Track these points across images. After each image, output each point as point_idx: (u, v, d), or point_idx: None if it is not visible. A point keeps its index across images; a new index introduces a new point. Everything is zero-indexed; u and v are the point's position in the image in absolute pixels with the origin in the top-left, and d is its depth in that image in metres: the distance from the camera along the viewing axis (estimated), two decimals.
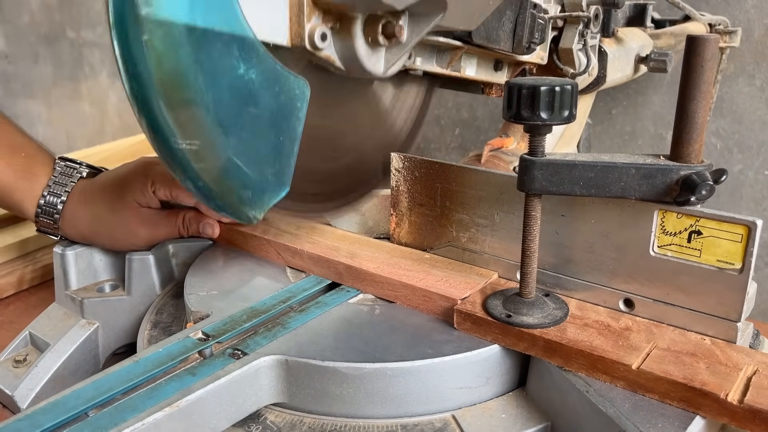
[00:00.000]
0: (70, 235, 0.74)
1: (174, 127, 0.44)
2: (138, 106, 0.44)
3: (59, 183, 0.72)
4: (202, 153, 0.46)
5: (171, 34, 0.42)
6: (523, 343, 0.52)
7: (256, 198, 0.51)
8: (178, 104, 0.44)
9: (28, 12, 2.31)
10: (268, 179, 0.52)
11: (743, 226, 0.47)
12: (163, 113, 0.44)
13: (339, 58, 0.53)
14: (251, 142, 0.49)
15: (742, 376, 0.46)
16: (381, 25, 0.52)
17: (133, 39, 0.42)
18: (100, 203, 0.72)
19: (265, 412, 0.54)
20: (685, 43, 0.46)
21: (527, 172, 0.50)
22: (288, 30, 0.51)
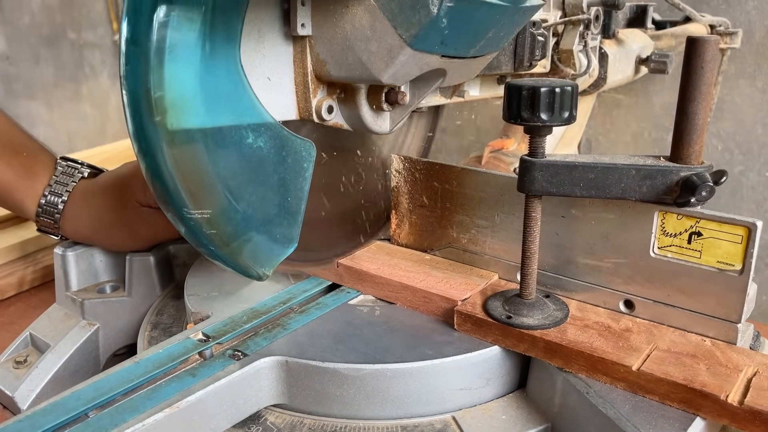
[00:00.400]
0: (71, 235, 0.74)
1: (187, 200, 0.46)
2: (151, 179, 0.46)
3: (60, 183, 0.72)
4: (213, 220, 0.48)
5: (186, 137, 0.45)
6: (524, 345, 0.52)
7: (266, 257, 0.54)
8: (189, 177, 0.46)
9: (29, 13, 2.32)
10: (277, 239, 0.53)
11: (743, 227, 0.47)
12: (176, 188, 0.45)
13: (346, 122, 0.56)
14: (260, 207, 0.51)
15: (743, 377, 0.46)
16: (384, 93, 0.54)
17: (147, 124, 0.44)
18: (100, 203, 0.72)
19: (265, 413, 0.54)
20: (686, 45, 0.46)
21: (527, 174, 0.50)
22: (296, 106, 0.53)
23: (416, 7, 0.44)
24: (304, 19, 0.49)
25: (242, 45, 0.47)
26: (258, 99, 0.49)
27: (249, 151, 0.49)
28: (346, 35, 0.48)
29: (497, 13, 0.48)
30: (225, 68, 0.46)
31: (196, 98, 0.45)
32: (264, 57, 0.49)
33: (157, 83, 0.43)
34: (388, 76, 0.49)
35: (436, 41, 0.47)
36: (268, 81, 0.50)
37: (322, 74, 0.51)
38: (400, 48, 0.47)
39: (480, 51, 0.52)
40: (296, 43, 0.51)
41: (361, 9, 0.46)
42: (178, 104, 0.44)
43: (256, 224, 0.51)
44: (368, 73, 0.49)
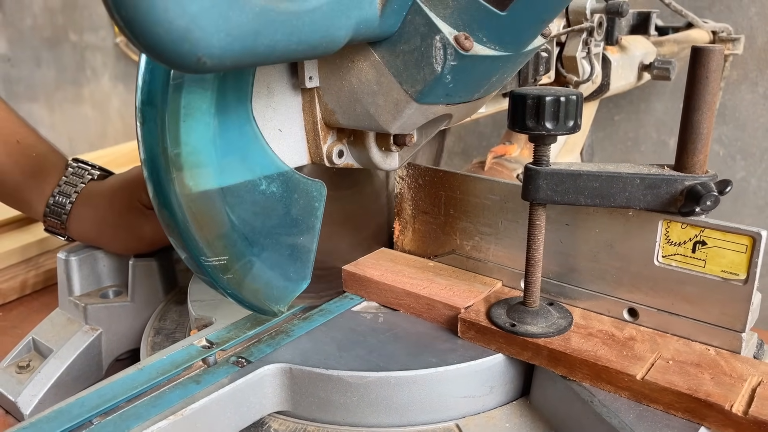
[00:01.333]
0: (76, 236, 0.74)
1: (203, 248, 0.48)
2: (169, 230, 0.48)
3: (69, 183, 0.72)
4: (229, 265, 0.50)
5: (202, 197, 0.47)
6: (527, 353, 0.52)
7: (280, 295, 0.55)
8: (205, 228, 0.47)
9: (31, 15, 2.32)
10: (290, 277, 0.55)
11: (748, 236, 0.47)
12: (193, 237, 0.47)
13: (356, 162, 0.57)
14: (275, 248, 0.53)
15: (747, 387, 0.46)
16: (392, 136, 0.55)
17: (165, 182, 0.45)
18: (106, 205, 0.72)
19: (268, 421, 0.54)
20: (690, 54, 0.46)
21: (532, 182, 0.50)
22: (307, 152, 0.54)
23: (420, 65, 0.45)
24: (312, 72, 0.50)
25: (253, 100, 0.48)
26: (271, 149, 0.50)
27: (262, 198, 0.50)
28: (353, 88, 0.49)
29: (500, 63, 0.49)
30: (238, 124, 0.48)
31: (211, 157, 0.46)
32: (275, 110, 0.51)
33: (173, 142, 0.44)
34: (395, 128, 0.50)
35: (441, 94, 0.48)
36: (279, 132, 0.51)
37: (331, 122, 0.52)
38: (406, 103, 0.48)
39: (484, 94, 0.53)
40: (305, 94, 0.52)
41: (366, 64, 0.47)
42: (194, 162, 0.45)
43: (270, 265, 0.53)
44: (376, 124, 0.50)
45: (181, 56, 0.32)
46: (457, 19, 0.44)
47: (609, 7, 0.71)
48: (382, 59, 0.46)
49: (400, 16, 0.44)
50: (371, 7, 0.43)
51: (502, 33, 0.46)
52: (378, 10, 0.43)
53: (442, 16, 0.44)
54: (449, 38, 0.44)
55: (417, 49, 0.45)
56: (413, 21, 0.44)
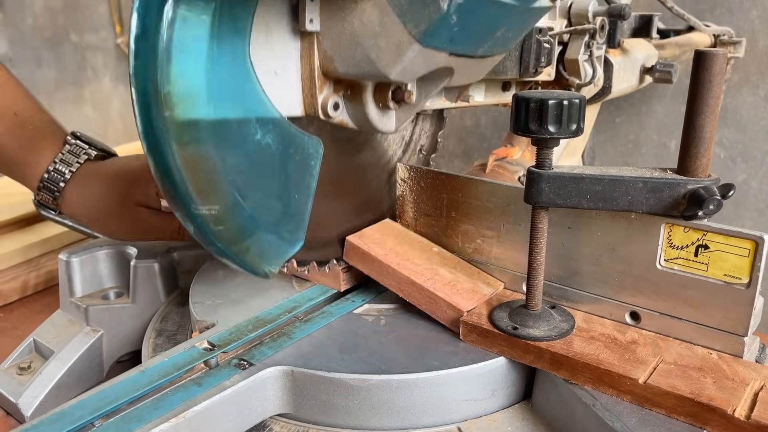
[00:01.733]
0: (68, 214, 0.75)
1: (194, 195, 0.46)
2: (159, 175, 0.45)
3: (65, 161, 0.72)
4: (220, 217, 0.48)
5: (193, 128, 0.44)
6: (530, 356, 0.52)
7: (272, 255, 0.53)
8: (197, 171, 0.45)
9: (32, 15, 2.32)
10: (283, 236, 0.53)
11: (751, 240, 0.47)
12: (183, 180, 0.45)
13: (351, 120, 0.55)
14: (268, 204, 0.51)
15: (749, 391, 0.46)
16: (391, 91, 0.54)
17: (157, 132, 0.43)
18: (101, 192, 0.72)
19: (270, 423, 0.54)
20: (693, 58, 0.46)
21: (534, 185, 0.50)
22: (301, 102, 0.53)
23: (426, 2, 0.44)
24: (313, 14, 0.49)
25: (252, 39, 0.47)
26: (265, 93, 0.49)
27: (257, 148, 0.48)
28: (354, 31, 0.48)
29: (506, 12, 0.48)
30: (233, 62, 0.46)
31: (203, 91, 0.44)
32: (271, 51, 0.49)
33: (166, 78, 0.42)
34: (396, 73, 0.49)
35: (445, 38, 0.47)
36: (275, 76, 0.50)
37: (329, 70, 0.51)
38: (408, 44, 0.47)
39: (488, 51, 0.51)
40: (304, 39, 0.51)
41: (370, 5, 0.46)
42: (186, 98, 0.44)
43: (262, 222, 0.51)
44: (376, 69, 0.49)
45: None
46: None
47: (611, 10, 0.71)
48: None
49: None
50: None
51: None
52: None
53: None
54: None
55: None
56: None
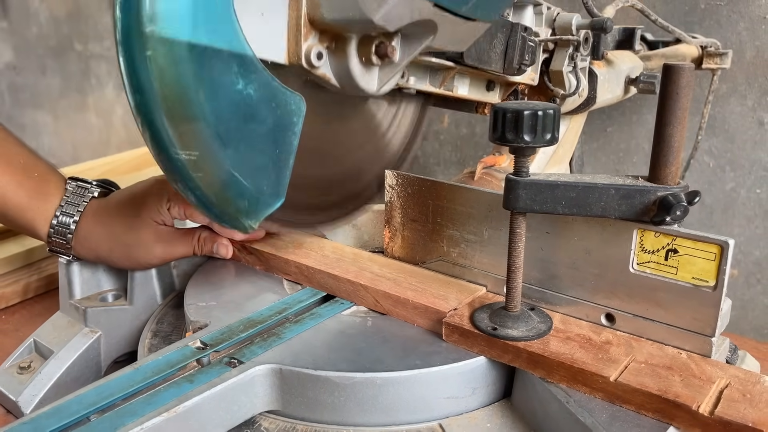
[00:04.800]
0: (83, 255, 0.74)
1: (174, 138, 0.47)
2: (140, 118, 0.46)
3: (71, 203, 0.73)
4: (200, 163, 0.48)
5: (173, 50, 0.45)
6: (508, 355, 0.55)
7: (252, 208, 0.53)
8: (178, 116, 0.46)
9: (37, 24, 2.35)
10: (264, 190, 0.54)
11: (716, 245, 0.50)
12: (164, 124, 0.46)
13: (334, 76, 0.56)
14: (248, 155, 0.51)
15: (715, 389, 0.48)
16: (374, 45, 0.55)
17: (137, 54, 0.44)
18: (115, 221, 0.72)
19: (259, 419, 0.56)
20: (662, 72, 0.49)
21: (512, 192, 0.53)
22: (286, 49, 0.53)
23: None
24: None
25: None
26: (245, 36, 0.49)
27: (238, 98, 0.49)
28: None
29: None
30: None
31: (186, 13, 0.45)
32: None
33: (150, 5, 0.43)
34: (379, 16, 0.50)
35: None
36: (261, 17, 0.50)
37: (315, 17, 0.52)
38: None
39: (472, 10, 0.52)
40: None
41: None
42: (167, 17, 0.44)
43: (243, 172, 0.51)
44: (360, 12, 0.49)
45: None
46: None
47: (594, 24, 0.74)
48: None
49: None
50: None
51: None
52: None
53: None
54: None
55: None
56: None
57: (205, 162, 0.49)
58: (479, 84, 0.74)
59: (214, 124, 0.48)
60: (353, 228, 0.83)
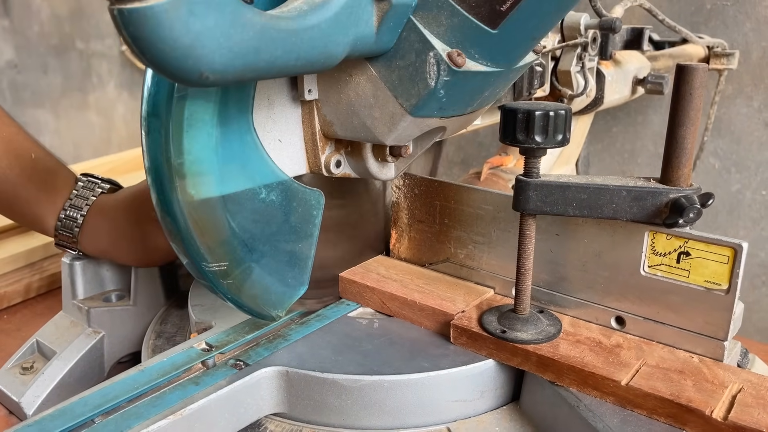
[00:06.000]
0: (89, 250, 0.74)
1: (204, 254, 0.50)
2: (172, 238, 0.49)
3: (80, 197, 0.73)
4: (229, 271, 0.52)
5: (204, 202, 0.49)
6: (517, 358, 0.54)
7: (279, 300, 0.57)
8: (207, 235, 0.49)
9: (38, 23, 2.35)
10: (289, 283, 0.57)
11: (730, 248, 0.49)
12: (195, 244, 0.49)
13: (353, 172, 0.59)
14: (272, 254, 0.55)
15: (728, 393, 0.47)
16: (388, 148, 0.57)
17: (167, 186, 0.47)
18: (120, 217, 0.72)
19: (265, 422, 0.55)
20: (675, 72, 0.48)
21: (522, 193, 0.52)
22: (306, 162, 0.56)
23: (415, 80, 0.47)
24: (311, 85, 0.52)
25: (254, 111, 0.50)
26: (271, 158, 0.52)
27: (262, 206, 0.52)
28: (350, 101, 0.51)
29: (492, 78, 0.50)
30: (239, 135, 0.50)
31: (213, 166, 0.48)
32: (275, 122, 0.52)
33: (177, 152, 0.46)
34: (391, 139, 0.52)
35: (434, 108, 0.49)
36: (279, 143, 0.53)
37: (329, 133, 0.54)
38: (401, 115, 0.49)
39: (477, 107, 0.54)
40: (304, 106, 0.54)
41: (363, 79, 0.49)
42: (196, 171, 0.47)
43: (269, 272, 0.55)
44: (372, 136, 0.52)
45: (185, 72, 0.33)
46: (450, 37, 0.46)
47: (602, 24, 0.73)
48: (379, 74, 0.48)
49: (396, 33, 0.46)
50: (368, 25, 0.44)
51: (494, 50, 0.47)
52: (374, 28, 0.45)
53: (436, 33, 0.46)
54: (442, 55, 0.46)
55: (412, 65, 0.47)
56: (408, 38, 0.46)
57: (234, 269, 0.52)
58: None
59: (240, 236, 0.51)
60: None
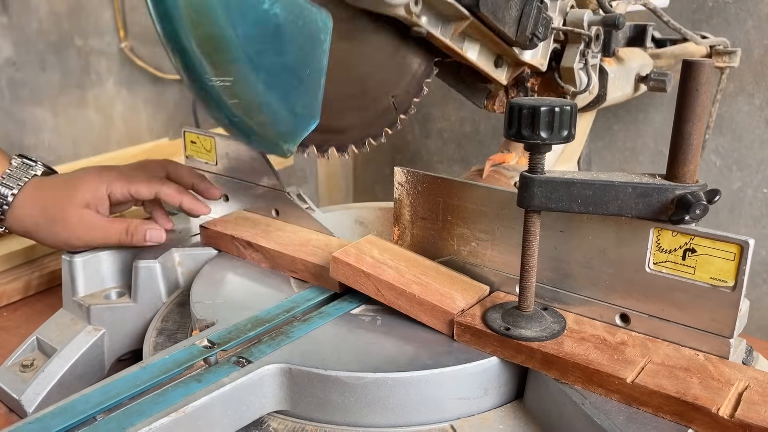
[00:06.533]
0: (15, 229, 0.76)
1: (206, 65, 0.47)
2: (170, 46, 0.47)
3: (13, 176, 0.75)
4: (234, 89, 0.49)
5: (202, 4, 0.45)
6: (521, 356, 0.54)
7: (289, 131, 0.54)
8: (208, 42, 0.47)
9: (37, 19, 2.34)
10: (298, 112, 0.54)
11: (736, 245, 0.49)
12: (195, 51, 0.46)
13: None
14: (280, 77, 0.52)
15: (734, 391, 0.47)
16: None
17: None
18: (48, 198, 0.74)
19: (267, 419, 0.55)
20: (681, 68, 0.48)
21: (527, 189, 0.52)
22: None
23: None
24: None
25: None
26: None
27: (265, 17, 0.49)
28: None
29: None
30: None
31: None
32: None
33: None
34: None
35: None
36: None
37: None
38: None
39: None
40: None
41: None
42: None
43: (276, 95, 0.52)
44: None
45: None
46: None
47: (605, 20, 0.73)
48: None
49: None
50: None
51: None
52: None
53: None
54: None
55: None
56: None
57: (239, 87, 0.49)
58: (488, 54, 0.71)
59: (243, 46, 0.48)
60: (360, 225, 0.83)
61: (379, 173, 1.63)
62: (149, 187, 0.76)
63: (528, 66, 0.74)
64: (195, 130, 0.86)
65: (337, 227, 0.78)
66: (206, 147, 0.85)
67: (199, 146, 0.86)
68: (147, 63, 2.04)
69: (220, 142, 0.83)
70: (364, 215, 0.83)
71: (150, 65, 2.03)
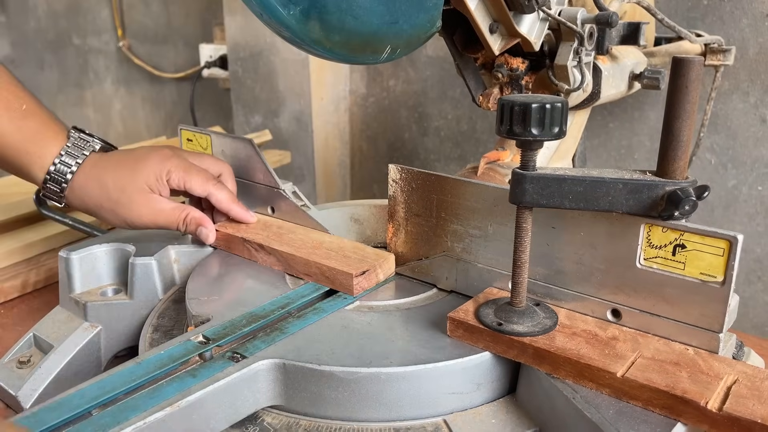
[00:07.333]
0: (75, 205, 0.77)
1: None
2: None
3: (71, 153, 0.75)
4: None
5: None
6: (513, 351, 0.54)
7: None
8: None
9: (35, 18, 2.34)
10: None
11: (725, 240, 0.49)
12: None
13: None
14: None
15: (723, 385, 0.48)
16: None
17: None
18: (110, 178, 0.74)
19: (262, 414, 0.55)
20: (671, 65, 0.48)
21: (518, 186, 0.52)
22: None
23: None
24: None
25: None
26: None
27: None
28: None
29: None
30: None
31: None
32: None
33: None
34: None
35: None
36: None
37: None
38: None
39: None
40: None
41: None
42: None
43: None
44: None
45: None
46: None
47: (599, 18, 0.73)
48: None
49: None
50: None
51: None
52: None
53: None
54: None
55: None
56: None
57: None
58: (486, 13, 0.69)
59: None
60: (355, 223, 0.83)
61: (376, 171, 1.63)
62: (203, 187, 0.76)
63: (522, 40, 0.73)
64: (191, 128, 0.87)
65: (333, 224, 0.79)
66: (202, 145, 0.85)
67: (195, 144, 0.86)
68: (145, 62, 2.04)
69: (216, 140, 0.83)
70: (359, 212, 0.83)
71: (148, 64, 2.04)
